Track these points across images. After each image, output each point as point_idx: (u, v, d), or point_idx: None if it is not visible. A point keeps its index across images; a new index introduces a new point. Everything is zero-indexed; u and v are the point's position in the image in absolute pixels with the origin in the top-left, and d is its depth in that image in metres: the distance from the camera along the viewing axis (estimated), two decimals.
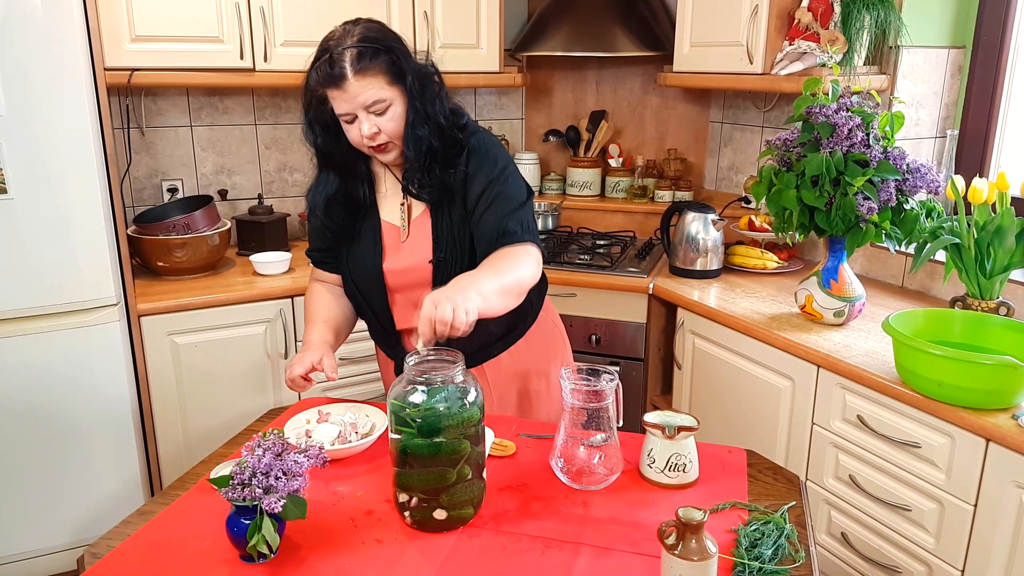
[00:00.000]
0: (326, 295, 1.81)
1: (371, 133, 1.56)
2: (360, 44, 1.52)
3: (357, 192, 1.70)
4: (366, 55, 1.51)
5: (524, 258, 1.55)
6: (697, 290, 2.60)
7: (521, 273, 1.52)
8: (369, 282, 1.74)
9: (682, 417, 1.45)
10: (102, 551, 1.27)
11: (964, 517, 1.78)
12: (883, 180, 2.00)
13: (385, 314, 1.76)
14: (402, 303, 1.75)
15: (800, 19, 2.51)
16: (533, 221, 1.65)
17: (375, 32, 1.55)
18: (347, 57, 1.51)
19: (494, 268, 1.50)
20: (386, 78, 1.54)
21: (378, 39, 1.54)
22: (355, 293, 1.78)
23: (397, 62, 1.55)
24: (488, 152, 1.65)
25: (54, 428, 2.34)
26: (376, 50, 1.52)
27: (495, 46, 3.05)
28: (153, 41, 2.53)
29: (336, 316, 1.78)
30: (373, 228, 1.72)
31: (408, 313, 1.74)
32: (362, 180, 1.71)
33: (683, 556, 1.09)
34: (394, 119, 1.57)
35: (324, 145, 1.66)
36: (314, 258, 1.84)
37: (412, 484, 1.28)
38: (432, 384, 1.25)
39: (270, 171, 3.19)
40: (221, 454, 1.58)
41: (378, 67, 1.52)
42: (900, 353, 1.84)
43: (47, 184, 2.19)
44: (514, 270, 1.51)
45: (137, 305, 2.43)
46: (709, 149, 3.39)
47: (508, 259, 1.54)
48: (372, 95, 1.53)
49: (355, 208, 1.72)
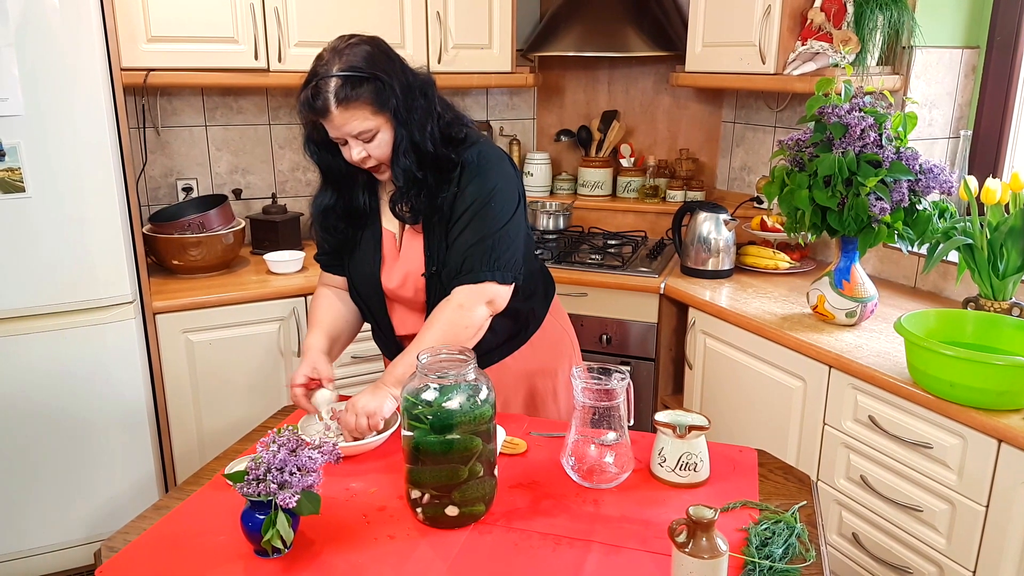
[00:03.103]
0: (330, 299, 1.82)
1: (359, 158, 1.57)
2: (343, 73, 1.50)
3: (357, 202, 1.71)
4: (348, 86, 1.50)
5: (464, 315, 1.57)
6: (709, 290, 2.60)
7: (455, 340, 1.55)
8: (368, 289, 1.76)
9: (693, 416, 1.46)
10: (119, 545, 1.28)
11: (976, 518, 1.77)
12: (896, 180, 2.00)
13: (385, 320, 1.78)
14: (401, 310, 1.76)
15: (813, 19, 2.51)
16: (508, 246, 1.62)
17: (361, 58, 1.52)
18: (331, 87, 1.50)
19: (422, 346, 1.51)
20: (370, 108, 1.52)
21: (362, 68, 1.51)
22: (357, 298, 1.81)
23: (382, 91, 1.52)
24: (482, 169, 1.63)
25: (70, 424, 2.37)
26: (359, 79, 1.50)
27: (507, 46, 3.06)
28: (169, 41, 2.55)
29: (336, 321, 1.79)
30: (374, 236, 1.73)
31: (407, 320, 1.75)
32: (362, 190, 1.71)
33: (694, 554, 1.10)
34: (382, 145, 1.56)
35: (322, 161, 1.67)
36: (322, 262, 1.86)
37: (424, 481, 1.29)
38: (445, 382, 1.26)
39: (284, 171, 3.21)
40: (235, 450, 1.60)
41: (362, 98, 1.51)
42: (912, 354, 1.83)
43: (64, 183, 2.21)
44: (444, 343, 1.52)
45: (152, 303, 2.45)
46: (721, 149, 3.38)
47: (444, 327, 1.56)
48: (356, 126, 1.53)
49: (355, 218, 1.72)
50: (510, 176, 1.67)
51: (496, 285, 1.61)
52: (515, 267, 1.64)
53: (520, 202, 1.68)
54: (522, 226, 1.69)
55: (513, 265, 1.63)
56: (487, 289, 1.60)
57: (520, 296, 1.71)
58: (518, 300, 1.70)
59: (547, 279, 1.91)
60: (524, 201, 1.71)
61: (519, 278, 1.66)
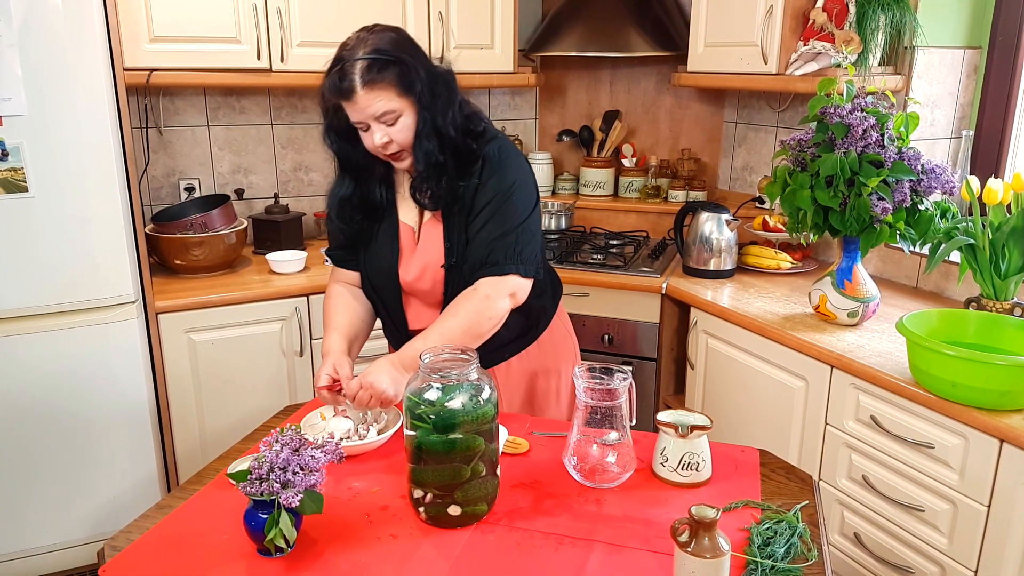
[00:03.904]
0: (345, 298, 1.81)
1: (382, 142, 1.58)
2: (370, 56, 1.52)
3: (373, 194, 1.72)
4: (374, 68, 1.52)
5: (489, 306, 1.60)
6: (710, 290, 2.60)
7: (476, 329, 1.60)
8: (384, 282, 1.75)
9: (695, 416, 1.46)
10: (121, 544, 1.28)
11: (977, 518, 1.77)
12: (898, 180, 2.00)
13: (399, 314, 1.78)
14: (416, 304, 1.76)
15: (815, 19, 2.50)
16: (528, 241, 1.65)
17: (387, 43, 1.55)
18: (357, 69, 1.52)
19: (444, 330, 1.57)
20: (395, 90, 1.54)
21: (389, 51, 1.53)
22: (371, 292, 1.80)
23: (407, 73, 1.54)
24: (502, 163, 1.65)
25: (72, 424, 2.37)
26: (386, 62, 1.53)
27: (509, 46, 3.06)
28: (171, 41, 2.55)
29: (353, 320, 1.78)
30: (391, 229, 1.73)
31: (422, 314, 1.75)
32: (379, 182, 1.72)
33: (696, 553, 1.10)
34: (404, 129, 1.58)
35: (341, 150, 1.68)
36: (334, 257, 1.84)
37: (427, 480, 1.29)
38: (447, 381, 1.26)
39: (286, 171, 3.22)
40: (238, 450, 1.60)
41: (387, 79, 1.53)
42: (914, 354, 1.83)
43: (67, 183, 2.21)
44: (465, 329, 1.58)
45: (155, 303, 2.46)
46: (723, 149, 3.38)
47: (469, 315, 1.59)
48: (381, 107, 1.54)
49: (371, 210, 1.73)
50: (528, 172, 1.70)
51: (519, 278, 1.63)
52: (536, 261, 1.67)
53: (537, 199, 1.71)
54: (539, 222, 1.72)
55: (534, 259, 1.66)
56: (511, 282, 1.62)
57: (534, 293, 1.72)
58: (532, 297, 1.71)
59: (555, 279, 1.92)
60: (539, 198, 1.73)
61: (539, 273, 1.69)
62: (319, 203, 3.28)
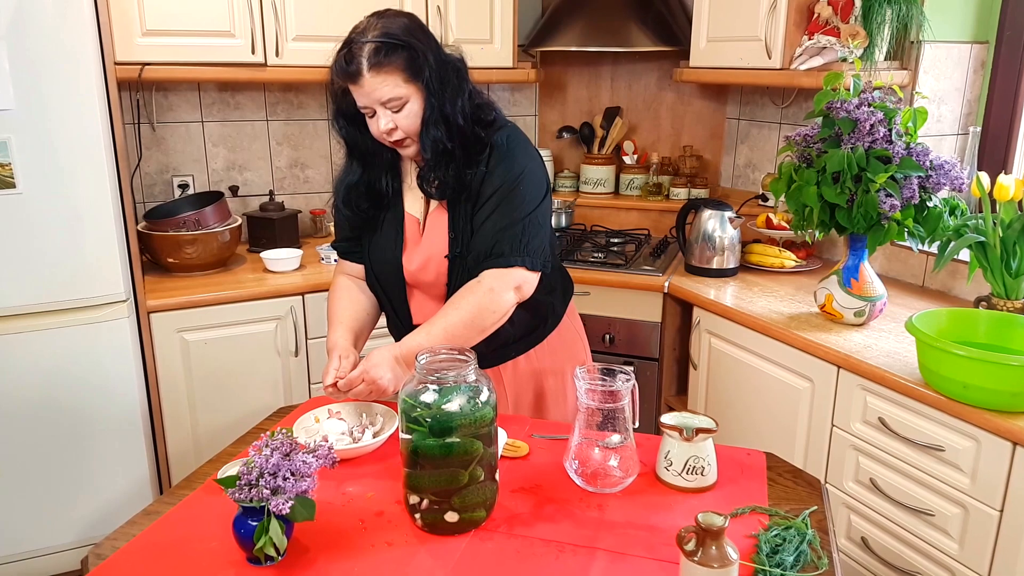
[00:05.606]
0: (351, 290, 1.79)
1: (387, 129, 1.55)
2: (379, 39, 1.50)
3: (380, 182, 1.69)
4: (382, 51, 1.50)
5: (493, 299, 1.56)
6: (713, 289, 2.56)
7: (480, 323, 1.56)
8: (388, 274, 1.73)
9: (700, 419, 1.42)
10: (106, 551, 1.24)
11: (989, 523, 1.73)
12: (906, 177, 1.96)
13: (403, 307, 1.75)
14: (420, 297, 1.73)
15: (820, 13, 2.46)
16: (536, 232, 1.61)
17: (397, 27, 1.53)
18: (364, 52, 1.50)
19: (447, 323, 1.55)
20: (402, 75, 1.52)
21: (398, 35, 1.51)
22: (375, 284, 1.77)
23: (415, 59, 1.52)
24: (511, 151, 1.62)
25: (62, 424, 2.33)
26: (394, 46, 1.50)
27: (509, 41, 3.02)
28: (164, 35, 2.51)
29: (358, 314, 1.76)
30: (396, 219, 1.71)
31: (425, 307, 1.72)
32: (386, 171, 1.69)
33: (703, 563, 1.05)
34: (410, 116, 1.55)
35: (349, 136, 1.66)
36: (340, 248, 1.82)
37: (423, 485, 1.25)
38: (444, 383, 1.22)
39: (281, 167, 3.17)
40: (229, 453, 1.56)
41: (394, 64, 1.51)
42: (924, 354, 1.79)
43: (57, 179, 2.17)
44: (468, 323, 1.55)
45: (147, 301, 2.41)
46: (726, 146, 3.34)
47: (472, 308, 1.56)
48: (387, 92, 1.52)
49: (377, 198, 1.71)
50: (538, 162, 1.66)
51: (525, 271, 1.59)
52: (543, 254, 1.63)
53: (547, 190, 1.67)
54: (549, 214, 1.68)
55: (541, 252, 1.62)
56: (516, 274, 1.58)
57: (542, 288, 1.67)
58: (539, 292, 1.67)
59: (565, 277, 1.88)
60: (550, 190, 1.69)
61: (547, 266, 1.65)
62: (315, 200, 3.24)
